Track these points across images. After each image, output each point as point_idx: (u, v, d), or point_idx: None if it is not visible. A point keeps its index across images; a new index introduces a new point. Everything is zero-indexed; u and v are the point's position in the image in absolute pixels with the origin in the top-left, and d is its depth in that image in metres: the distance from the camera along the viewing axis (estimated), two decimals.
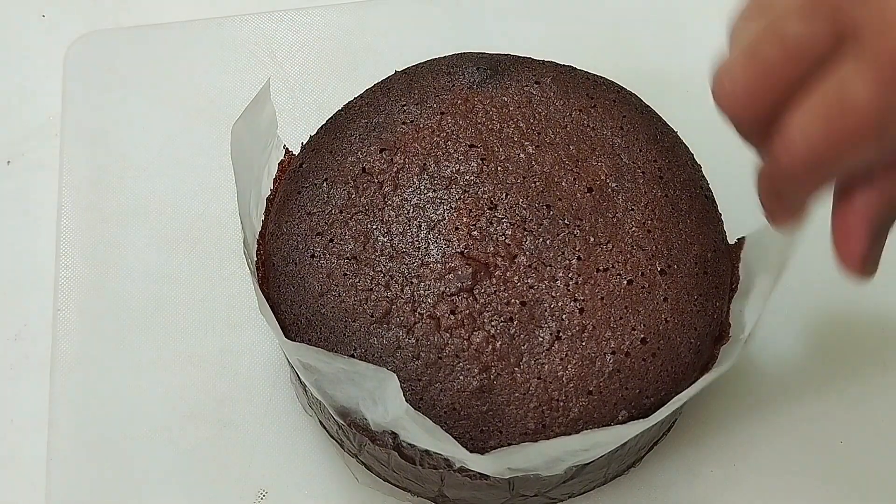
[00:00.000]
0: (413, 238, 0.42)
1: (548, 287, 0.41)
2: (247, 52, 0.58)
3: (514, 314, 0.40)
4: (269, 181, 0.46)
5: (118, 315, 0.51)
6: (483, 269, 0.41)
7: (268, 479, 0.48)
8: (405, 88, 0.46)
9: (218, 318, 0.51)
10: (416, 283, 0.41)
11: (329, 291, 0.42)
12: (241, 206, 0.43)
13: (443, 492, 0.44)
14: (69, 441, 0.49)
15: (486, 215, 0.42)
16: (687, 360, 0.41)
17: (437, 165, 0.43)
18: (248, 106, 0.42)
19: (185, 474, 0.48)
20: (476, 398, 0.39)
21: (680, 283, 0.42)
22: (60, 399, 0.49)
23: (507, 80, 0.46)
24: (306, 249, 0.43)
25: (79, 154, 0.55)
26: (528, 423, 0.39)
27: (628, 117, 0.45)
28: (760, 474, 0.47)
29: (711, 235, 0.44)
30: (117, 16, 0.61)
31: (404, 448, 0.40)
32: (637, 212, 0.43)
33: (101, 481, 0.48)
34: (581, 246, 0.42)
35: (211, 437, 0.49)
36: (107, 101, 0.57)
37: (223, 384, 0.50)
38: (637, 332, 0.40)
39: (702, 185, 0.45)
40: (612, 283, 0.41)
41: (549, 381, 0.39)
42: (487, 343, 0.40)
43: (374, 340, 0.40)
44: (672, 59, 0.56)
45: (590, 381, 0.40)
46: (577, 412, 0.39)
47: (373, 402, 0.38)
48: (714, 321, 0.42)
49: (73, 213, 0.54)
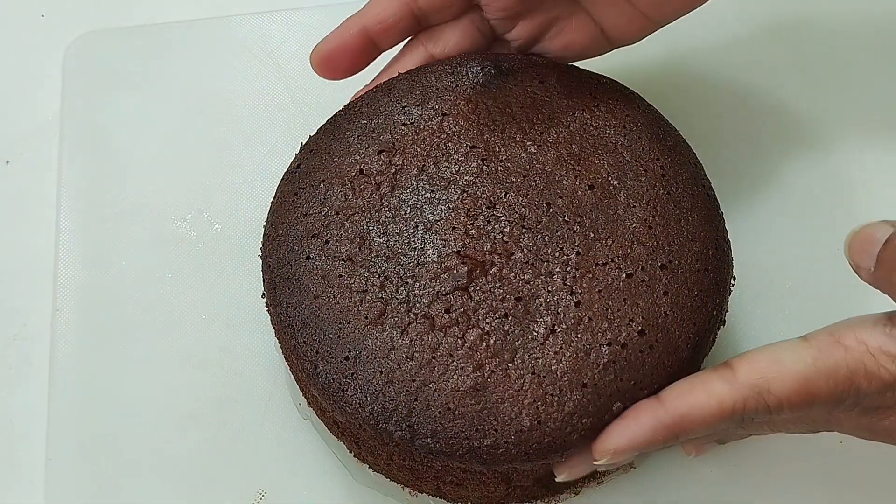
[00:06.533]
0: (409, 239, 0.42)
1: (544, 282, 0.41)
2: (247, 52, 0.58)
3: (509, 310, 0.40)
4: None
5: (117, 315, 0.51)
6: (479, 267, 0.41)
7: (267, 479, 0.48)
8: (406, 89, 0.46)
9: (218, 318, 0.51)
10: (411, 284, 0.41)
11: (324, 293, 0.41)
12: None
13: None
14: (68, 441, 0.49)
15: (484, 214, 0.42)
16: (684, 354, 0.40)
17: (436, 167, 0.43)
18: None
19: (184, 474, 0.48)
20: (470, 397, 0.39)
21: (680, 279, 0.41)
22: (59, 399, 0.50)
23: (511, 81, 0.46)
24: (302, 251, 0.42)
25: (78, 154, 0.55)
26: (522, 421, 0.39)
27: (631, 116, 0.45)
28: (760, 474, 0.47)
29: (713, 233, 0.43)
30: (117, 16, 0.61)
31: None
32: (638, 208, 0.42)
33: (100, 481, 0.48)
34: (580, 241, 0.41)
35: (211, 437, 0.49)
36: (106, 101, 0.57)
37: (223, 384, 0.50)
38: (635, 324, 0.40)
39: (704, 183, 0.45)
40: (610, 276, 0.41)
41: (543, 375, 0.39)
42: (481, 340, 0.40)
43: (368, 342, 0.40)
44: (674, 58, 0.56)
45: (584, 373, 0.39)
46: (571, 406, 0.39)
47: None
48: (713, 318, 0.42)
49: (72, 212, 0.54)
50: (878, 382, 0.36)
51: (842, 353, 0.36)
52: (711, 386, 0.37)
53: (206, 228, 0.53)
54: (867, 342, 0.36)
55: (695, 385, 0.38)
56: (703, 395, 0.37)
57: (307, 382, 0.42)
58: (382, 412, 0.39)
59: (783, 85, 0.56)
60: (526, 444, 0.39)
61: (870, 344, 0.36)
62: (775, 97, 0.56)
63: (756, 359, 0.37)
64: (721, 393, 0.37)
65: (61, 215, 0.54)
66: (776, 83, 0.56)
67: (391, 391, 0.39)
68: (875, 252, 0.36)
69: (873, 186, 0.53)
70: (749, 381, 0.37)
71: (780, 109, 0.56)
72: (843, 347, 0.36)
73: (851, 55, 0.57)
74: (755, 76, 0.56)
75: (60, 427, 0.49)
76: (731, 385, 0.37)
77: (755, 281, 0.50)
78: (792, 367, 0.36)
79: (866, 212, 0.53)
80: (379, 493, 0.47)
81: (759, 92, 0.56)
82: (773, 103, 0.56)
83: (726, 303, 0.43)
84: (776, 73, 0.56)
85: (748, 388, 0.37)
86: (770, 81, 0.56)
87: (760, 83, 0.56)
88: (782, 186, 0.53)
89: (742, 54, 0.57)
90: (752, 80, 0.56)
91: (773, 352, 0.37)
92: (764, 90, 0.56)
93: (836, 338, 0.37)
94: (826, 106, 0.56)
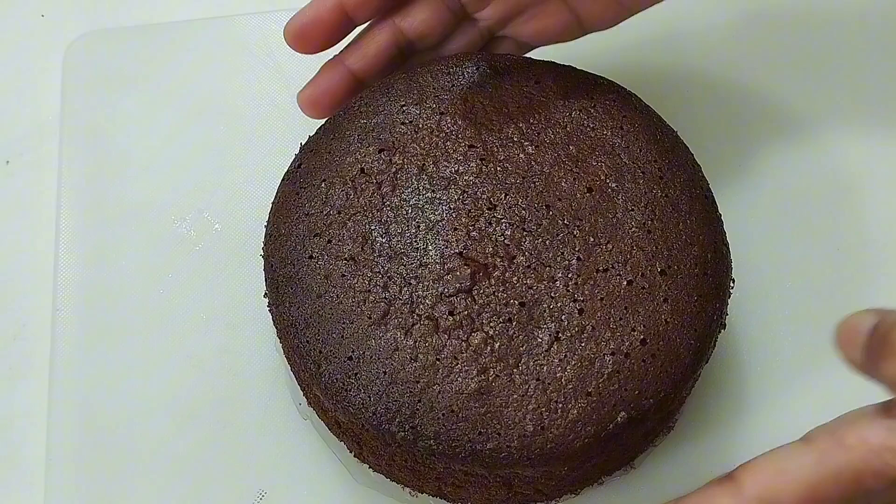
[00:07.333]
0: (411, 239, 0.42)
1: (547, 288, 0.41)
2: (247, 52, 0.58)
3: (513, 315, 0.40)
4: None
5: (117, 315, 0.51)
6: (482, 270, 0.41)
7: (267, 479, 0.48)
8: (404, 89, 0.46)
9: (218, 318, 0.51)
10: (414, 285, 0.41)
11: (327, 293, 0.41)
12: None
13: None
14: (68, 441, 0.49)
15: (485, 216, 0.42)
16: (686, 361, 0.41)
17: (435, 166, 0.43)
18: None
19: (184, 474, 0.48)
20: (474, 400, 0.39)
21: (680, 284, 0.41)
22: (59, 399, 0.49)
23: (507, 81, 0.46)
24: (304, 250, 0.43)
25: (78, 154, 0.55)
26: (526, 426, 0.39)
27: (628, 117, 0.45)
28: None
29: (712, 236, 0.43)
30: (116, 16, 0.61)
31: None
32: (637, 212, 0.42)
33: (100, 481, 0.48)
34: (581, 246, 0.42)
35: (211, 437, 0.49)
36: (106, 101, 0.57)
37: (223, 384, 0.50)
38: (637, 333, 0.40)
39: (702, 185, 0.45)
40: (611, 284, 0.41)
41: (548, 382, 0.39)
42: (486, 344, 0.40)
43: (371, 342, 0.40)
44: (672, 59, 0.56)
45: (589, 382, 0.39)
46: (575, 414, 0.39)
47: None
48: (714, 322, 0.42)
49: (73, 212, 0.54)
50: (885, 479, 0.35)
51: (845, 454, 0.35)
52: (718, 503, 0.36)
53: (206, 228, 0.53)
54: (869, 440, 0.35)
55: (700, 501, 0.36)
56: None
57: (310, 382, 0.42)
58: (386, 413, 0.39)
59: (782, 85, 0.56)
60: (529, 449, 0.39)
61: (872, 442, 0.35)
62: (774, 97, 0.56)
63: (760, 469, 0.36)
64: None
65: (61, 215, 0.53)
66: (775, 83, 0.56)
67: (395, 392, 0.39)
68: (861, 343, 0.36)
69: (873, 186, 0.54)
70: (755, 494, 0.35)
71: (779, 109, 0.56)
72: (845, 448, 0.35)
73: (853, 55, 0.57)
74: (753, 77, 0.56)
75: (60, 427, 0.49)
76: (738, 501, 0.35)
77: (755, 282, 0.50)
78: (796, 475, 0.35)
79: (866, 211, 0.53)
80: (379, 493, 0.47)
81: (758, 92, 0.56)
82: (772, 103, 0.56)
83: (726, 306, 0.43)
84: (775, 73, 0.56)
85: (756, 502, 0.35)
86: (769, 81, 0.56)
87: (759, 83, 0.56)
88: (781, 187, 0.53)
89: (741, 54, 0.57)
90: (751, 80, 0.56)
91: (776, 460, 0.36)
92: (763, 90, 0.56)
93: (838, 438, 0.35)
94: (826, 106, 0.56)
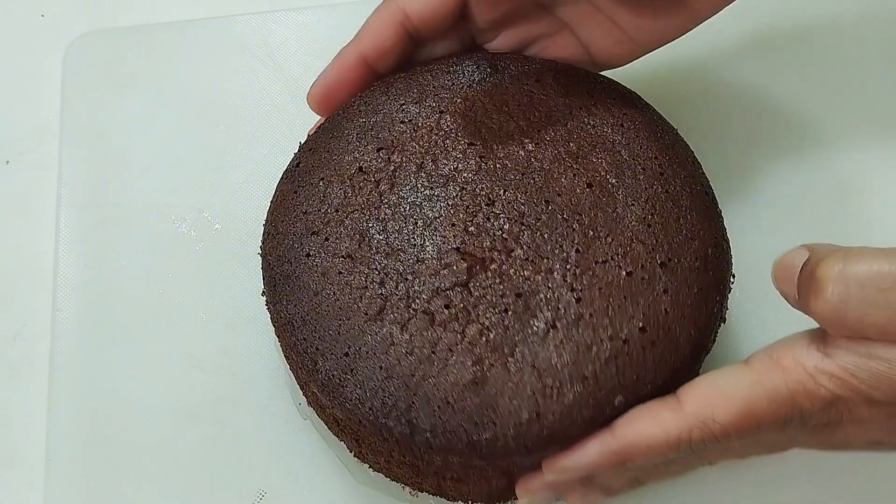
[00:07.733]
0: (409, 235, 0.42)
1: (544, 279, 0.41)
2: (247, 52, 0.58)
3: (509, 305, 0.40)
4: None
5: (117, 315, 0.51)
6: (479, 264, 0.41)
7: (267, 479, 0.48)
8: (404, 87, 0.46)
9: (218, 318, 0.51)
10: (410, 280, 0.41)
11: (324, 290, 0.41)
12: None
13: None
14: (68, 441, 0.49)
15: (484, 211, 0.42)
16: (686, 351, 0.40)
17: (434, 164, 0.43)
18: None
19: (184, 474, 0.48)
20: (470, 391, 0.39)
21: (680, 277, 0.41)
22: (59, 399, 0.50)
23: (507, 79, 0.46)
24: (301, 248, 0.42)
25: (78, 154, 0.55)
26: (521, 414, 0.39)
27: (629, 115, 0.45)
28: (760, 474, 0.47)
29: (712, 231, 0.43)
30: (116, 16, 0.61)
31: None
32: (637, 207, 0.42)
33: (99, 481, 0.48)
34: (580, 239, 0.41)
35: (211, 437, 0.49)
36: (106, 101, 0.57)
37: (223, 384, 0.50)
38: (636, 321, 0.40)
39: (702, 181, 0.45)
40: (610, 274, 0.41)
41: (543, 368, 0.39)
42: (481, 335, 0.40)
43: (367, 338, 0.40)
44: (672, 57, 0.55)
45: (585, 366, 0.39)
46: (571, 398, 0.39)
47: None
48: (714, 315, 0.42)
49: (72, 212, 0.54)
50: (819, 401, 0.36)
51: (781, 374, 0.36)
52: (658, 416, 0.37)
53: (206, 228, 0.53)
54: (804, 362, 0.36)
55: (643, 414, 0.38)
56: (650, 425, 0.37)
57: (307, 379, 0.42)
58: (382, 407, 0.39)
59: (782, 83, 0.56)
60: (525, 437, 0.38)
61: (807, 364, 0.36)
62: (774, 95, 0.56)
63: (700, 387, 0.37)
64: (667, 422, 0.37)
65: (61, 215, 0.54)
66: (775, 81, 0.56)
67: (391, 386, 0.39)
68: (795, 278, 0.36)
69: (873, 185, 0.53)
70: (693, 410, 0.37)
71: (779, 107, 0.56)
72: (781, 369, 0.36)
73: (849, 53, 0.57)
74: (753, 74, 0.56)
75: (60, 427, 0.49)
76: (677, 415, 0.37)
77: (755, 280, 0.50)
78: (733, 393, 0.36)
79: (866, 211, 0.53)
80: (380, 492, 0.47)
81: (758, 90, 0.56)
82: (771, 101, 0.56)
83: (727, 300, 0.43)
84: (775, 72, 0.56)
85: (693, 417, 0.37)
86: (769, 79, 0.56)
87: (758, 81, 0.56)
88: (781, 184, 0.53)
89: (740, 52, 0.57)
90: (751, 77, 0.56)
91: (715, 379, 0.37)
92: (762, 88, 0.56)
93: (775, 360, 0.37)
94: (825, 104, 0.56)
